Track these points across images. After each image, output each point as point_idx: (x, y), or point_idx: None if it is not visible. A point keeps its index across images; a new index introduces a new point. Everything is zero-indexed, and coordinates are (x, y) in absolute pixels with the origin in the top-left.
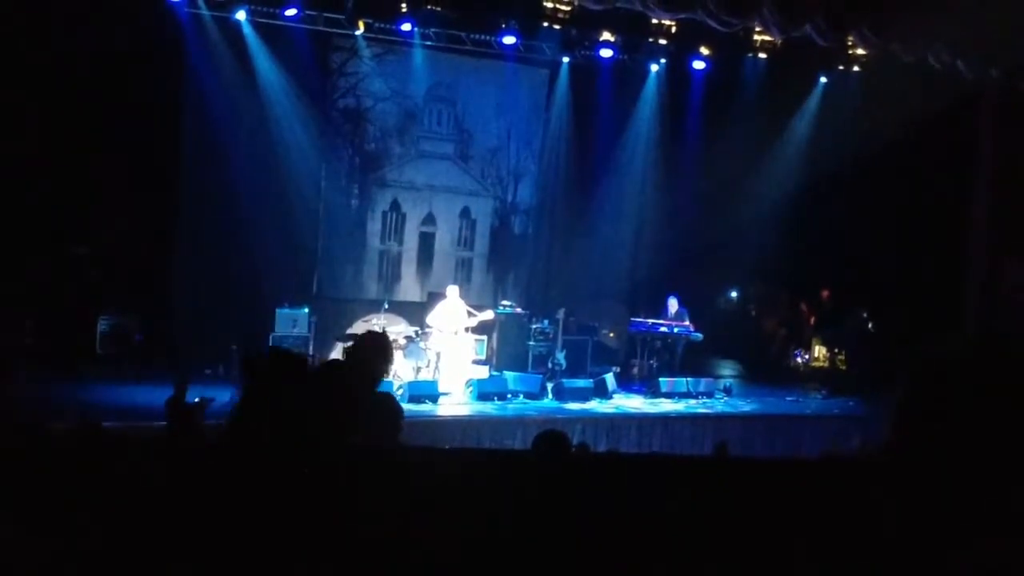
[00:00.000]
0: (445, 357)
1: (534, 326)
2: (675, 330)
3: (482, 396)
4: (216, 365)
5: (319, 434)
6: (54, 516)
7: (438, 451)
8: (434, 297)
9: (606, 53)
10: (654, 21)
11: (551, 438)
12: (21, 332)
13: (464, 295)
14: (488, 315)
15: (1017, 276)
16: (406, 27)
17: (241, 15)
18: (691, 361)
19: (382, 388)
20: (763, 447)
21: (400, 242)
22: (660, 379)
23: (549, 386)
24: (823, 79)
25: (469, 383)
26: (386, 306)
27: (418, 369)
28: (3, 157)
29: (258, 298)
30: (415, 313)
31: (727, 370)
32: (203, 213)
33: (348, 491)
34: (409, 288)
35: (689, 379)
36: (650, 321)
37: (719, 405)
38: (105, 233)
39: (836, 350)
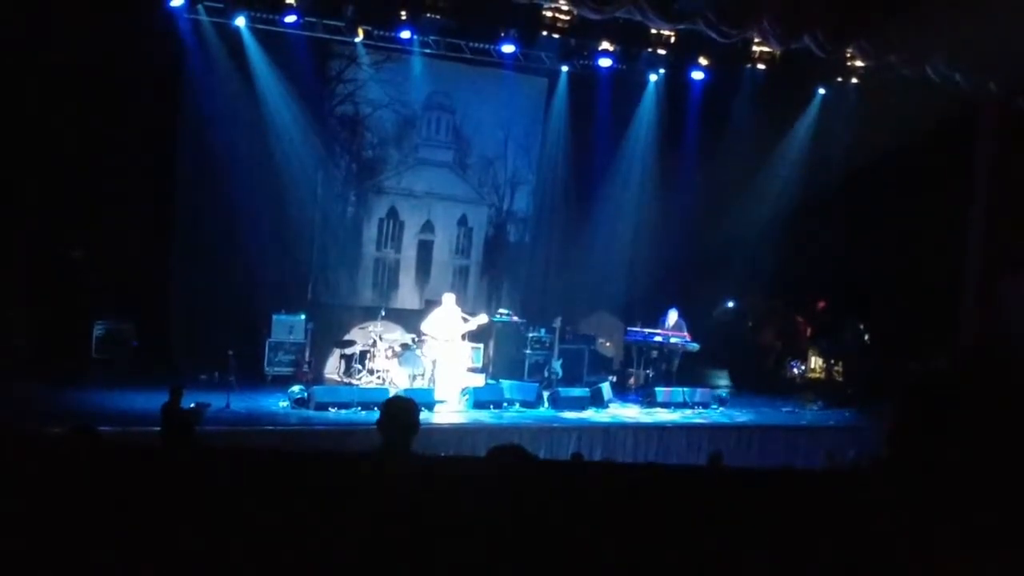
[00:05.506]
0: (441, 365)
1: (530, 335)
2: (671, 340)
3: (478, 404)
4: (212, 371)
5: None
6: (49, 522)
7: (433, 459)
8: (431, 305)
9: (605, 63)
10: (653, 31)
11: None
12: (16, 336)
13: (461, 303)
14: (483, 319)
15: (1013, 290)
16: (405, 35)
17: (241, 21)
18: (687, 371)
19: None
20: (758, 458)
21: (398, 250)
22: (656, 389)
23: (545, 395)
24: (821, 91)
25: (465, 391)
26: (383, 313)
27: (414, 377)
28: (0, 161)
29: (254, 304)
30: (412, 321)
31: (723, 380)
32: (200, 218)
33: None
34: (407, 296)
35: (685, 389)
36: (647, 331)
37: (715, 415)
38: (101, 237)
39: (832, 361)
